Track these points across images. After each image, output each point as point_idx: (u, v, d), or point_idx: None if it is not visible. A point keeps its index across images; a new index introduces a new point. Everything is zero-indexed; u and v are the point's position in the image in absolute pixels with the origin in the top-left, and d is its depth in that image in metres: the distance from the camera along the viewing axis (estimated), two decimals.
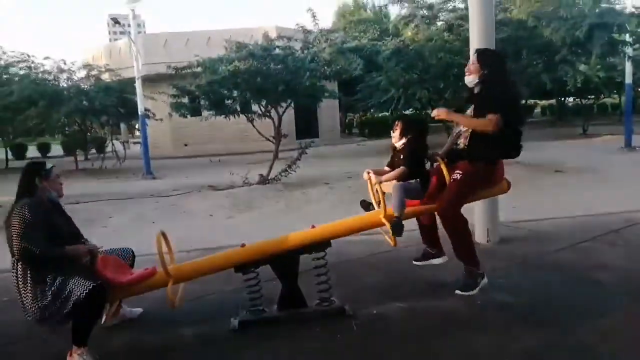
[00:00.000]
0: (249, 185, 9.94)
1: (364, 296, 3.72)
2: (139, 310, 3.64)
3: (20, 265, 2.91)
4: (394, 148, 3.67)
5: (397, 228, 3.30)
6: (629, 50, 12.30)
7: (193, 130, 20.20)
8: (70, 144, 19.89)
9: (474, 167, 3.26)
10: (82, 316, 2.86)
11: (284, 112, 10.77)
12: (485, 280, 3.35)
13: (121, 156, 16.53)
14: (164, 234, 3.25)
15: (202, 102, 10.87)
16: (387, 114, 22.57)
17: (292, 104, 11.19)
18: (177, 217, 7.59)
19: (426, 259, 3.82)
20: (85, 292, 2.79)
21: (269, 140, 10.79)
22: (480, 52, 3.46)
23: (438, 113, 3.42)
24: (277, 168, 10.18)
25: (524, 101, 29.85)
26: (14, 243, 2.85)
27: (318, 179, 10.60)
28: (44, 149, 26.23)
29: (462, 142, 3.39)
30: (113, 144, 17.32)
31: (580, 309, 3.29)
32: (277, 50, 10.51)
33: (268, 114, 10.60)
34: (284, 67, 9.86)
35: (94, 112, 14.24)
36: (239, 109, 10.40)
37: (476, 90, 3.39)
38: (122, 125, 21.14)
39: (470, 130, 3.31)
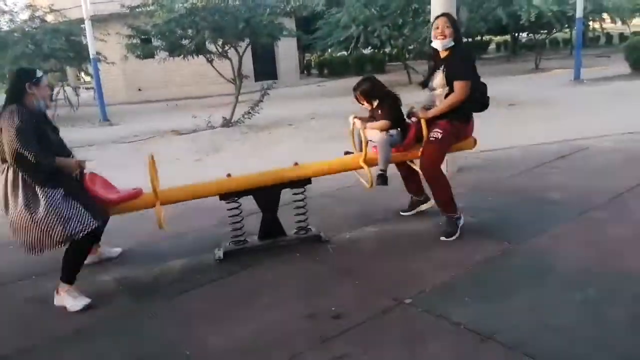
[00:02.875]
0: (213, 128, 9.92)
1: (337, 224, 3.98)
2: (119, 249, 3.75)
3: (11, 172, 2.85)
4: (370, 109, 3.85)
5: (382, 179, 3.59)
6: None
7: (147, 74, 19.49)
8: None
9: (452, 125, 3.47)
10: (75, 252, 2.96)
11: (244, 51, 10.60)
12: (462, 220, 3.59)
13: (74, 103, 15.91)
14: (153, 158, 3.32)
15: (157, 42, 10.53)
16: (345, 53, 22.44)
17: (250, 44, 11.00)
18: (144, 162, 7.56)
19: (413, 208, 4.07)
20: (87, 230, 2.85)
21: (229, 81, 10.67)
22: (450, 16, 3.56)
23: (421, 116, 3.51)
24: (240, 111, 10.16)
25: (479, 37, 30.13)
26: (5, 148, 2.79)
27: (281, 120, 10.66)
28: None
29: (438, 103, 3.55)
30: (64, 91, 16.58)
31: (534, 223, 3.67)
32: None
33: (226, 54, 10.41)
34: (242, 2, 9.62)
35: (42, 57, 13.50)
36: (196, 49, 10.17)
37: (444, 55, 3.50)
38: (69, 71, 20.16)
39: (444, 92, 3.48)
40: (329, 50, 23.05)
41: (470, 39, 31.17)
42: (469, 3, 11.73)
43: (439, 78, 3.51)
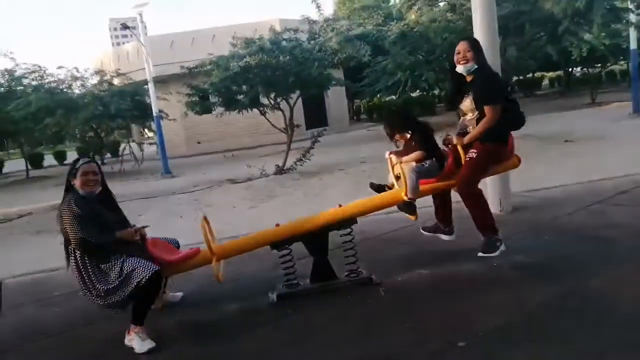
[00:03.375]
0: (266, 176, 10.25)
1: (388, 267, 4.00)
2: (180, 294, 3.95)
3: (78, 252, 3.17)
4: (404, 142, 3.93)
5: (409, 208, 3.64)
6: (631, 17, 12.34)
7: (205, 128, 20.56)
8: (86, 150, 20.36)
9: (486, 147, 3.50)
10: (143, 297, 3.18)
11: (295, 102, 11.04)
12: (503, 246, 3.55)
13: (139, 158, 16.94)
14: (206, 218, 3.56)
15: (213, 99, 11.18)
16: (394, 97, 22.74)
17: (301, 95, 11.47)
18: (202, 210, 7.94)
19: (434, 232, 4.10)
20: (149, 274, 3.09)
21: (281, 131, 11.09)
22: (471, 40, 3.64)
23: (456, 142, 3.60)
24: (292, 159, 10.48)
25: (530, 74, 29.76)
26: (71, 237, 3.15)
27: (332, 165, 10.88)
28: (60, 156, 26.75)
29: (470, 129, 3.60)
30: (130, 147, 17.72)
31: (592, 263, 3.55)
32: (284, 43, 10.75)
33: (278, 105, 10.88)
34: (292, 58, 10.11)
35: (110, 117, 14.61)
36: (249, 103, 10.70)
37: (469, 78, 3.56)
38: (134, 128, 21.57)
39: (475, 116, 3.53)
40: (377, 95, 23.49)
41: (521, 77, 30.90)
42: (516, 43, 11.74)
43: (467, 102, 3.55)
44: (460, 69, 3.54)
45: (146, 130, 19.40)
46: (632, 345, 2.46)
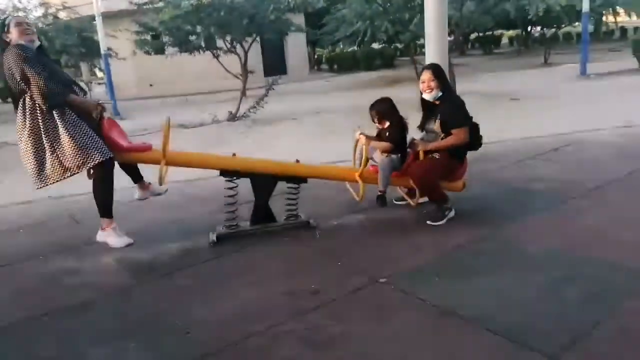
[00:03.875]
0: (218, 122, 10.16)
1: (326, 212, 4.18)
2: (166, 187, 3.92)
3: (28, 100, 3.05)
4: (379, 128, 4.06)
5: (382, 200, 3.85)
6: None
7: (157, 69, 19.79)
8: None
9: (449, 159, 3.72)
10: (101, 183, 3.21)
11: (249, 47, 10.83)
12: (452, 212, 3.79)
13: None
14: (169, 121, 3.52)
15: (165, 38, 10.80)
16: (355, 48, 22.53)
17: (258, 39, 11.21)
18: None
19: (404, 200, 4.26)
20: (104, 157, 3.09)
21: (235, 77, 10.91)
22: (434, 68, 3.80)
23: (420, 148, 3.74)
24: (245, 106, 10.38)
25: (490, 32, 29.99)
26: (31, 80, 2.98)
27: (286, 115, 10.86)
28: (2, 94, 25.31)
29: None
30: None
31: (511, 212, 3.85)
32: None
33: (233, 49, 10.64)
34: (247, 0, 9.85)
35: (55, 53, 13.86)
36: (203, 45, 10.42)
37: (437, 102, 3.76)
38: (83, 67, 20.58)
39: (441, 137, 3.73)
40: (339, 45, 23.20)
41: (480, 34, 31.13)
42: None
43: (435, 125, 3.77)
44: (426, 96, 3.76)
45: (96, 69, 18.55)
46: (530, 284, 2.74)
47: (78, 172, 3.23)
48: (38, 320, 2.81)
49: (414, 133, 4.01)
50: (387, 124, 3.96)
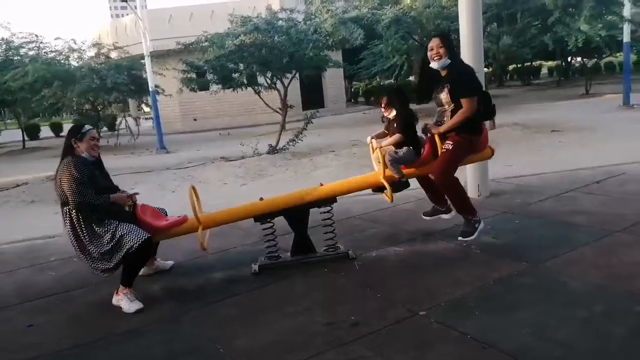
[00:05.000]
0: (259, 155, 10.45)
1: (365, 244, 4.25)
2: (171, 262, 4.20)
3: (74, 213, 3.36)
4: (387, 118, 4.14)
5: (400, 185, 3.89)
6: (625, 10, 12.45)
7: (201, 105, 20.67)
8: (82, 123, 20.40)
9: (462, 138, 3.68)
10: (132, 262, 3.42)
11: (289, 83, 11.18)
12: (482, 225, 3.80)
13: (134, 132, 17.07)
14: (194, 188, 3.77)
15: (209, 76, 11.31)
16: (392, 81, 22.83)
17: (297, 75, 11.58)
18: (195, 186, 8.14)
19: (435, 214, 4.30)
20: (140, 242, 3.32)
21: (275, 111, 11.25)
22: (443, 36, 3.75)
23: (433, 131, 3.75)
24: (285, 138, 10.67)
25: (529, 63, 29.84)
26: (69, 197, 3.33)
27: (324, 147, 11.07)
28: (56, 128, 26.81)
29: (446, 120, 3.77)
30: (126, 121, 17.83)
31: (552, 246, 3.80)
32: (281, 22, 10.85)
33: (274, 85, 11.02)
34: (288, 38, 10.24)
35: (106, 90, 14.69)
36: (245, 82, 10.85)
37: (444, 73, 3.72)
38: (130, 102, 21.63)
39: (451, 108, 3.69)
40: (376, 78, 23.55)
41: (518, 65, 30.95)
42: (508, 32, 11.86)
43: (444, 95, 3.71)
44: (434, 64, 3.69)
45: (143, 105, 19.46)
46: (571, 318, 2.72)
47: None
48: (89, 345, 2.97)
49: (412, 102, 3.95)
50: (394, 113, 3.99)
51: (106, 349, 2.93)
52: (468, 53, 5.05)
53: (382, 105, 4.08)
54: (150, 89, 14.11)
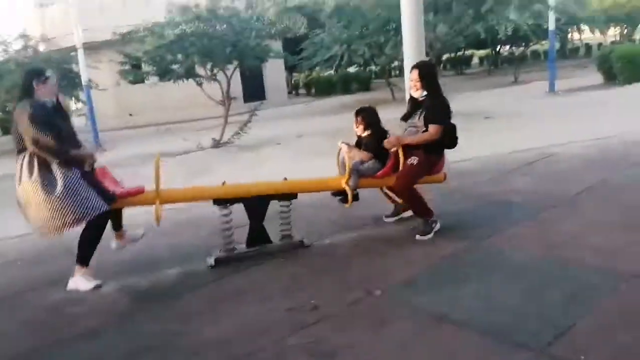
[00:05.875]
0: (203, 149, 10.28)
1: (320, 231, 4.36)
2: (141, 231, 4.07)
3: (27, 156, 3.21)
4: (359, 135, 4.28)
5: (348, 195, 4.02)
6: (550, 0, 13.25)
7: (137, 99, 19.90)
8: (8, 122, 19.19)
9: (426, 157, 3.97)
10: (89, 234, 3.31)
11: (232, 74, 11.04)
12: (438, 225, 4.02)
13: None
14: (159, 158, 3.67)
15: (147, 68, 10.94)
16: (332, 72, 23.02)
17: (238, 66, 11.46)
18: (134, 183, 7.91)
19: (397, 215, 4.48)
20: (100, 210, 3.22)
21: (218, 103, 11.08)
22: (421, 68, 4.05)
23: (391, 144, 3.99)
24: (229, 132, 10.56)
25: (461, 52, 30.98)
26: (24, 136, 3.17)
27: (269, 139, 11.05)
28: None
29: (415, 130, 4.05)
30: None
31: (493, 223, 4.09)
32: (222, 11, 10.67)
33: (214, 77, 10.85)
34: (230, 27, 10.08)
35: None
36: (185, 74, 10.59)
37: (421, 100, 4.03)
38: (62, 98, 20.54)
39: (422, 131, 3.98)
40: (316, 69, 23.63)
41: (452, 54, 32.09)
42: (444, 19, 12.31)
43: (417, 119, 4.03)
44: (414, 94, 4.04)
45: (73, 100, 18.52)
46: (514, 288, 2.96)
47: (76, 226, 3.35)
48: (47, 349, 2.89)
49: (396, 127, 4.21)
50: (368, 132, 4.19)
51: (65, 351, 2.86)
52: (410, 42, 5.22)
53: (358, 124, 4.23)
54: (83, 84, 13.45)
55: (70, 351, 2.85)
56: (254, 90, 21.39)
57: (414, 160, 3.94)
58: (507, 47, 28.56)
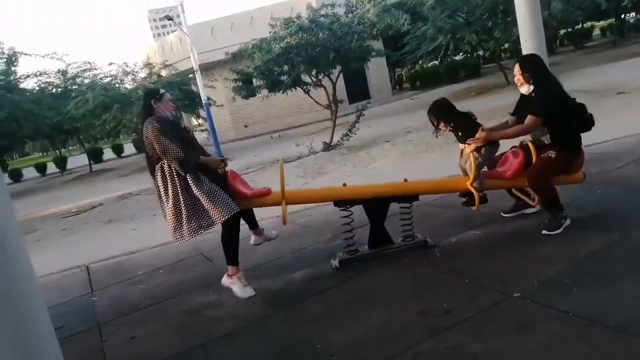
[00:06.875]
0: (315, 153, 10.55)
1: (442, 230, 4.20)
2: (275, 232, 4.26)
3: (166, 166, 3.49)
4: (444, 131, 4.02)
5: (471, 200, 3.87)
6: None
7: (250, 111, 21.06)
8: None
9: (564, 153, 3.65)
10: (227, 234, 3.56)
11: (337, 77, 11.20)
12: (568, 221, 3.65)
13: None
14: (282, 162, 3.86)
15: (258, 82, 11.50)
16: (436, 62, 22.34)
17: (342, 70, 11.58)
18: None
19: (517, 211, 4.17)
20: (232, 213, 3.43)
21: (325, 108, 11.30)
22: (522, 62, 3.79)
23: (480, 142, 3.69)
24: (337, 134, 10.70)
25: (580, 25, 28.30)
26: (157, 148, 3.44)
27: (378, 138, 11.02)
28: (117, 150, 28.18)
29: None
30: None
31: (638, 216, 3.61)
32: (323, 19, 10.87)
33: (320, 82, 11.07)
34: (331, 34, 10.25)
35: None
36: (293, 83, 10.95)
37: (528, 95, 3.76)
38: (184, 116, 22.37)
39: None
40: (420, 62, 23.09)
41: (569, 29, 29.43)
42: None
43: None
44: (521, 90, 3.80)
45: (194, 117, 20.09)
46: None
47: (211, 229, 3.61)
48: (196, 350, 3.11)
49: (511, 97, 3.94)
50: (450, 128, 3.91)
51: (207, 353, 3.05)
52: (527, 26, 4.87)
53: (436, 124, 3.97)
54: (203, 101, 14.55)
55: (216, 353, 3.03)
56: (358, 90, 21.53)
57: (551, 153, 3.64)
58: (632, 14, 25.51)
